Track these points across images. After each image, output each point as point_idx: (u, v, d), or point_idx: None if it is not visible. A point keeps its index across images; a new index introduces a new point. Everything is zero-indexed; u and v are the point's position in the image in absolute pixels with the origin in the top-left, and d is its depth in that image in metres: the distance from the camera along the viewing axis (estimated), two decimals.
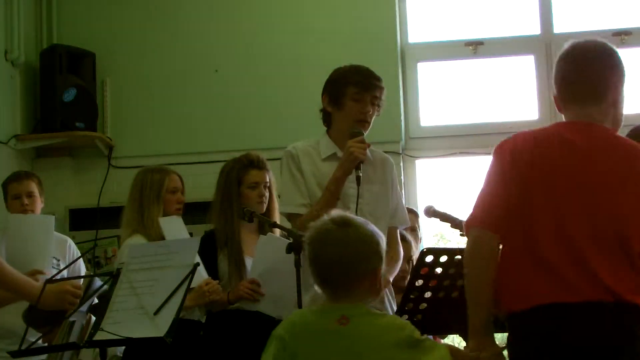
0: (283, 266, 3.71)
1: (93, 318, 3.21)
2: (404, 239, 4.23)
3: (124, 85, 6.36)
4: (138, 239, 4.14)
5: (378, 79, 3.78)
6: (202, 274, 3.99)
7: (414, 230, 4.72)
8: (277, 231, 4.17)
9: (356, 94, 3.71)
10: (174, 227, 4.19)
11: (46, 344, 3.38)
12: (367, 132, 3.77)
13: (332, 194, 3.63)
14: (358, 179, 3.61)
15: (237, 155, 4.34)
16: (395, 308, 3.61)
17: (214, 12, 6.36)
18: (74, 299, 3.33)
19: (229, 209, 4.18)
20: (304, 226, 3.54)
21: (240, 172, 4.22)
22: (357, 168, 3.62)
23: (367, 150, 3.74)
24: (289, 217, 3.82)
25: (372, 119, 3.77)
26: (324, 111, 3.83)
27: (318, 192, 3.72)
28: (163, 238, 4.10)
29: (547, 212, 2.69)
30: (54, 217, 4.57)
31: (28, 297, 3.41)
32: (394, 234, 3.83)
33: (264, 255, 4.01)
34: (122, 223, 4.35)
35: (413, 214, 4.82)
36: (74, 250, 4.76)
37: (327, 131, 3.85)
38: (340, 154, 3.74)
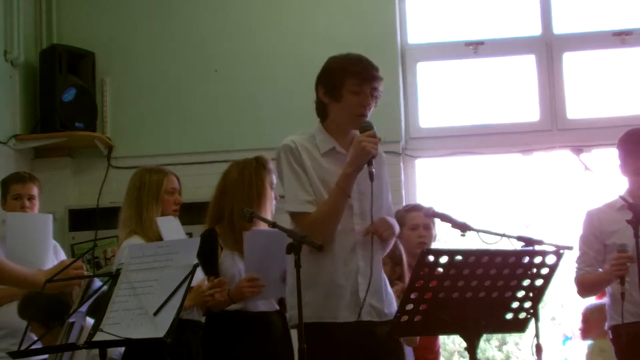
0: (272, 250, 3.83)
1: (90, 321, 3.19)
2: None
3: (123, 85, 6.36)
4: (135, 240, 4.12)
5: (377, 69, 3.56)
6: (197, 274, 3.99)
7: (427, 228, 4.63)
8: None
9: (356, 86, 3.48)
10: (171, 227, 4.18)
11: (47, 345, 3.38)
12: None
13: (343, 191, 3.40)
14: (371, 174, 3.38)
15: (236, 156, 4.36)
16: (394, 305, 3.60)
17: (214, 12, 6.36)
18: (78, 272, 3.32)
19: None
20: (313, 225, 3.41)
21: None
22: (369, 164, 3.39)
23: None
24: (293, 215, 3.52)
25: (371, 112, 3.55)
26: (319, 102, 3.62)
27: (321, 187, 3.49)
28: (161, 238, 4.09)
29: None
30: (51, 215, 4.56)
31: (34, 285, 3.38)
32: None
33: (253, 250, 4.04)
34: (119, 223, 4.34)
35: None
36: (62, 255, 4.78)
37: (323, 124, 3.62)
38: (339, 148, 3.54)
